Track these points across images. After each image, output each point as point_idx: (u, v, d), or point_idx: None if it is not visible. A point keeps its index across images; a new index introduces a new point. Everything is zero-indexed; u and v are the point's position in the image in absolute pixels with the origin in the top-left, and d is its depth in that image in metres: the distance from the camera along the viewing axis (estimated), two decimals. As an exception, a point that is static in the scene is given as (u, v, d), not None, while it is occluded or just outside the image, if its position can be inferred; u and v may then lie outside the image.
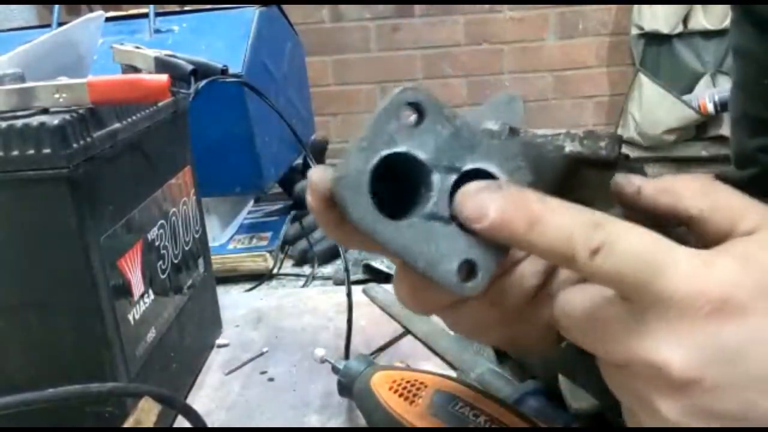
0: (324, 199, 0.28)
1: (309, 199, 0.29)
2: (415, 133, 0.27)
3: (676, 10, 2.42)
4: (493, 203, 0.27)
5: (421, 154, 0.27)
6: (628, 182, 0.32)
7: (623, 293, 0.28)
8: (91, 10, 0.76)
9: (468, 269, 0.28)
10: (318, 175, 0.28)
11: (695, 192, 0.31)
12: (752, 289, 0.26)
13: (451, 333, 0.69)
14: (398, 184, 0.28)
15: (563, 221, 0.27)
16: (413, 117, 0.28)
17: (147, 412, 0.42)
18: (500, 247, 0.29)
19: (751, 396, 0.26)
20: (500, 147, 0.29)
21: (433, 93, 0.28)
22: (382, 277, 0.94)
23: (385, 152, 0.27)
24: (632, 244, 0.27)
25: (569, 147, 0.33)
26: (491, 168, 0.29)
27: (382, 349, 0.71)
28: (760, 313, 0.26)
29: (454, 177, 0.28)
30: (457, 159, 0.28)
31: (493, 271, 0.29)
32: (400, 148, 0.27)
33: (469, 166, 0.28)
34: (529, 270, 0.32)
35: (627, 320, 0.27)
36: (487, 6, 2.56)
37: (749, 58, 0.60)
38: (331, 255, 1.12)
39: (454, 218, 0.28)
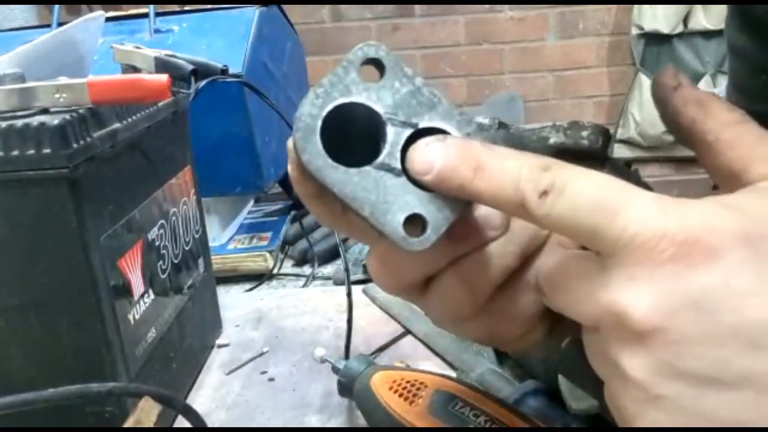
0: (300, 166, 0.28)
1: (289, 168, 0.30)
2: (373, 87, 0.28)
3: (677, 10, 2.42)
4: (438, 153, 0.27)
5: (378, 107, 0.28)
6: (672, 74, 0.30)
7: (581, 241, 0.26)
8: (92, 10, 0.76)
9: (417, 226, 0.28)
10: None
11: (725, 120, 0.29)
12: (732, 234, 0.24)
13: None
14: (368, 145, 0.29)
15: (509, 165, 0.27)
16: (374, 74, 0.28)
17: (147, 412, 0.42)
18: (453, 207, 0.28)
19: (723, 352, 0.23)
20: (459, 110, 0.29)
21: (394, 52, 0.28)
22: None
23: (340, 101, 0.27)
24: (585, 185, 0.26)
25: (553, 138, 0.33)
26: (449, 128, 0.29)
27: (382, 349, 0.71)
28: (737, 260, 0.24)
29: (409, 131, 0.28)
30: (415, 115, 0.28)
31: (444, 229, 0.28)
32: (356, 99, 0.28)
33: (426, 123, 0.28)
34: (502, 249, 0.31)
35: (592, 272, 0.26)
36: (487, 6, 2.56)
37: (742, 56, 0.60)
38: (331, 255, 1.12)
39: (406, 172, 0.28)
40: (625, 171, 0.34)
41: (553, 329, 0.34)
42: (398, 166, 0.28)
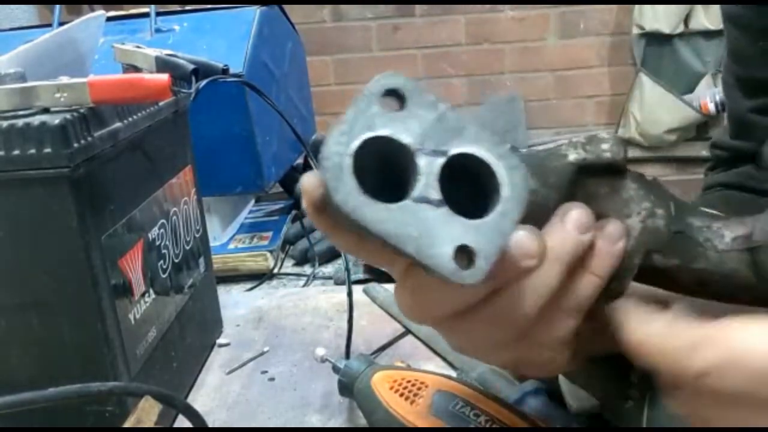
0: (316, 203, 0.28)
1: (303, 203, 0.29)
2: (398, 118, 0.27)
3: (678, 10, 2.42)
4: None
5: (405, 138, 0.27)
6: None
7: None
8: (92, 10, 0.76)
9: (466, 257, 0.27)
10: (309, 180, 0.28)
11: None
12: None
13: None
14: (395, 180, 0.28)
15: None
16: (395, 104, 0.27)
17: (148, 411, 0.42)
18: (501, 233, 0.27)
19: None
20: (489, 132, 0.28)
21: (414, 79, 0.27)
22: (382, 277, 0.94)
23: (365, 135, 0.26)
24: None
25: (572, 155, 0.32)
26: (480, 152, 0.28)
27: (382, 348, 0.71)
28: None
29: (441, 160, 0.27)
30: (444, 143, 0.27)
31: (494, 257, 0.27)
32: (382, 132, 0.26)
33: (456, 150, 0.27)
34: (542, 272, 0.31)
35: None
36: (488, 6, 2.56)
37: (740, 24, 0.60)
38: (331, 254, 1.12)
39: (445, 202, 0.27)
40: (646, 180, 0.34)
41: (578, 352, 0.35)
42: (437, 196, 0.27)
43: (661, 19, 2.44)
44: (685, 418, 0.29)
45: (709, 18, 2.41)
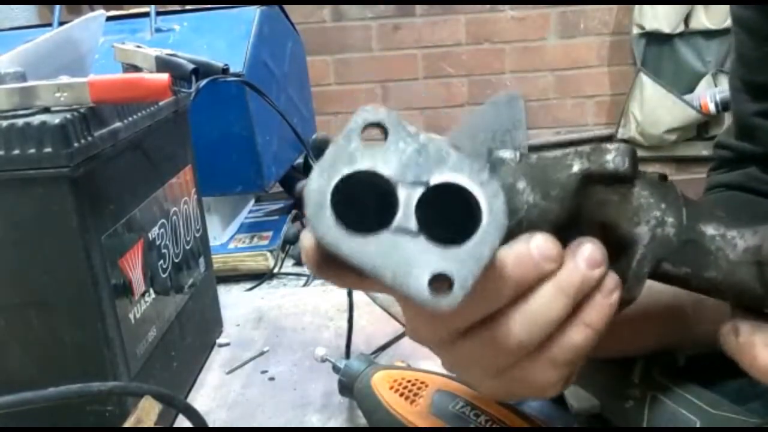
0: (315, 260, 0.29)
1: (303, 258, 0.30)
2: (378, 151, 0.27)
3: (678, 10, 2.42)
4: None
5: (385, 171, 0.27)
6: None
7: None
8: (93, 10, 0.76)
9: (445, 284, 0.27)
10: (309, 239, 0.28)
11: None
12: None
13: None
14: (383, 211, 0.28)
15: None
16: (379, 136, 0.28)
17: (148, 411, 0.42)
18: (477, 259, 0.27)
19: None
20: (470, 159, 0.28)
21: (395, 112, 0.28)
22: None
23: (346, 171, 0.27)
24: None
25: (577, 165, 0.32)
26: (461, 181, 0.28)
27: (382, 348, 0.71)
28: None
29: (420, 190, 0.28)
30: (424, 173, 0.28)
31: (470, 284, 0.27)
32: (362, 166, 0.27)
33: (436, 180, 0.28)
34: (549, 298, 0.31)
35: None
36: (488, 5, 2.56)
37: (747, 27, 0.60)
38: (331, 254, 1.12)
39: (423, 231, 0.27)
40: (659, 185, 0.34)
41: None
42: (414, 227, 0.27)
43: (661, 18, 2.44)
44: None
45: (709, 18, 2.41)
